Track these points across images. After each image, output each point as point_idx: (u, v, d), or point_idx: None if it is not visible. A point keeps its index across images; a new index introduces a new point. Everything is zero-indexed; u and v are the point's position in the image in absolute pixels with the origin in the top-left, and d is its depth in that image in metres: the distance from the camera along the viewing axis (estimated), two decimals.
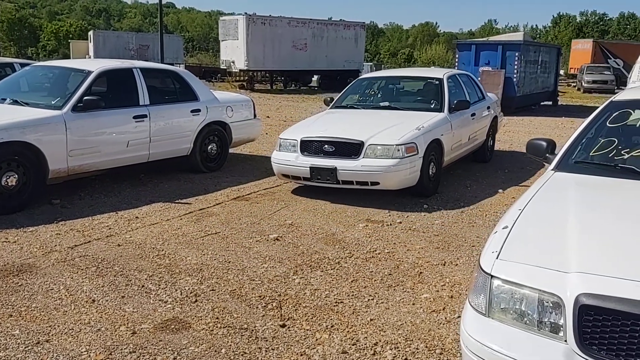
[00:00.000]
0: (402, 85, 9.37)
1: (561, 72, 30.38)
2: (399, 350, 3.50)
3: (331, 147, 6.92)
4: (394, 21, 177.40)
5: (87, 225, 5.85)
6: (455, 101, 8.10)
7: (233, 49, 29.31)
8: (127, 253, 5.09)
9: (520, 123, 15.99)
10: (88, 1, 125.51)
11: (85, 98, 6.72)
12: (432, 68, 25.46)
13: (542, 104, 21.98)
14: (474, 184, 8.07)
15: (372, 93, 9.07)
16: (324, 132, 7.19)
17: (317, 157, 6.95)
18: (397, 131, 6.97)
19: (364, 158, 6.74)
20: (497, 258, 2.54)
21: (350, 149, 6.83)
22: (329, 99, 9.23)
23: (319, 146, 7.01)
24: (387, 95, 8.92)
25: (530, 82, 19.73)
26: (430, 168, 7.23)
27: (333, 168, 6.76)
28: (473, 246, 5.43)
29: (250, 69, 29.81)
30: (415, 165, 6.85)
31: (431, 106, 8.09)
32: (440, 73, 8.84)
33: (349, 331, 3.73)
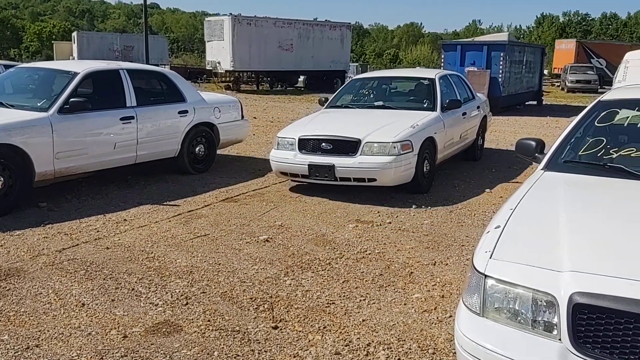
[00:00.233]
0: (395, 86, 9.57)
1: (545, 72, 30.61)
2: (392, 351, 3.50)
3: (329, 145, 7.07)
4: (379, 22, 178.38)
5: (75, 228, 5.80)
6: (447, 100, 8.29)
7: (219, 50, 29.22)
8: (116, 256, 5.05)
9: (505, 123, 16.10)
10: (71, 2, 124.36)
11: (72, 100, 6.66)
12: (418, 68, 25.58)
13: (527, 103, 22.17)
14: (461, 184, 8.11)
15: (366, 93, 9.24)
16: (322, 131, 7.34)
17: (315, 155, 7.10)
18: (393, 129, 7.14)
19: (361, 155, 6.90)
20: (491, 258, 2.55)
21: (348, 147, 6.98)
22: (323, 98, 9.36)
23: (316, 144, 7.16)
24: (381, 95, 9.11)
25: (515, 82, 19.89)
26: (425, 165, 7.40)
27: (331, 165, 6.91)
28: (462, 245, 5.46)
29: (236, 69, 29.75)
30: (411, 162, 7.02)
31: (424, 105, 8.28)
32: (432, 73, 9.02)
33: (341, 332, 3.73)
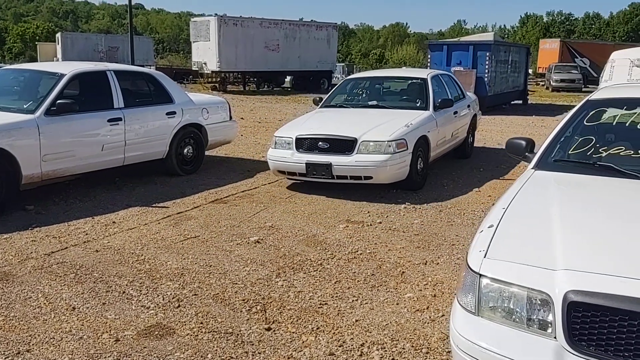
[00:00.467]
0: (388, 85, 9.74)
1: (530, 72, 30.85)
2: (386, 351, 3.51)
3: (326, 144, 7.20)
4: (364, 22, 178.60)
5: (63, 231, 5.74)
6: (439, 100, 8.47)
7: (205, 50, 29.07)
8: (106, 259, 5.01)
9: (492, 122, 16.20)
10: (55, 2, 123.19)
11: (59, 101, 6.60)
12: (404, 68, 25.67)
13: (513, 102, 22.33)
14: (450, 183, 8.14)
15: (360, 93, 9.39)
16: (319, 130, 7.49)
17: (313, 154, 7.22)
18: (388, 128, 7.29)
19: (357, 154, 7.04)
20: (485, 257, 2.56)
21: (344, 146, 7.12)
22: (318, 98, 9.52)
23: (314, 143, 7.28)
24: (374, 94, 9.27)
25: (501, 82, 20.02)
26: (419, 163, 7.56)
27: (328, 164, 7.04)
28: (453, 245, 5.49)
29: (223, 70, 29.61)
30: (406, 160, 7.18)
31: (417, 105, 8.45)
32: (424, 73, 9.20)
33: (335, 333, 3.73)
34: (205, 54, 29.01)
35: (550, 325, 2.31)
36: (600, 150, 3.73)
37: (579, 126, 4.01)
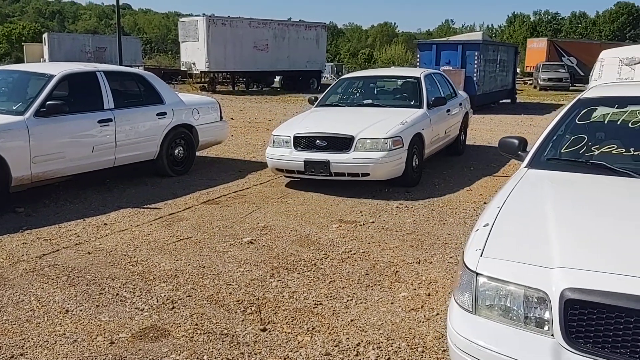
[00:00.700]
0: (382, 84, 9.90)
1: (518, 71, 31.00)
2: (382, 350, 3.51)
3: (323, 142, 7.31)
4: (353, 21, 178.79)
5: (55, 234, 5.70)
6: (432, 98, 8.62)
7: (193, 51, 28.97)
8: (98, 261, 4.98)
9: (481, 121, 16.27)
10: (41, 3, 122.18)
11: (48, 103, 6.55)
12: (393, 68, 25.71)
13: (501, 101, 22.44)
14: (441, 182, 8.17)
15: (355, 92, 9.54)
16: (316, 128, 7.60)
17: (311, 152, 7.34)
18: (384, 126, 7.42)
19: (355, 151, 7.16)
20: (481, 255, 2.57)
21: (342, 143, 7.23)
22: (313, 97, 9.65)
23: (311, 141, 7.39)
24: (369, 93, 9.45)
25: (489, 81, 20.12)
26: (414, 160, 7.69)
27: (326, 161, 7.15)
28: (446, 243, 5.50)
29: (212, 70, 29.51)
30: (402, 157, 7.32)
31: (411, 103, 8.62)
32: (418, 72, 9.38)
33: (330, 333, 3.73)
34: (194, 54, 28.91)
35: (547, 323, 2.33)
36: (592, 148, 3.75)
37: (570, 125, 4.04)
